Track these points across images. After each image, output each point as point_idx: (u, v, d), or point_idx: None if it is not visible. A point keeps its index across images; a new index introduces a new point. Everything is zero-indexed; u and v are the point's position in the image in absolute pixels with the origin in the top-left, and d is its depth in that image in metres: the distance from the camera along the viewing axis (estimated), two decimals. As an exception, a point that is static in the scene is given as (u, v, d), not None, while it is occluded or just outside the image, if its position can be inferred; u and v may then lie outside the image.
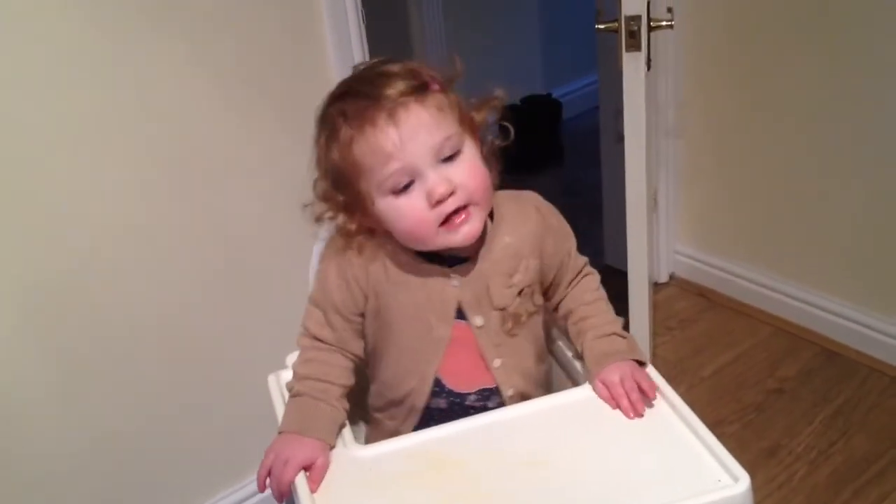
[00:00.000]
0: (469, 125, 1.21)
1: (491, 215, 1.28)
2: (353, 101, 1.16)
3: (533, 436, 1.18)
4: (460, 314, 1.27)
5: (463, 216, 1.18)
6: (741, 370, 2.47)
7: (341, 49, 1.92)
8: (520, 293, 1.27)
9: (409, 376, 1.30)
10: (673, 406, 1.19)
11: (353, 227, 1.24)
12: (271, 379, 1.37)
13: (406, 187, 1.16)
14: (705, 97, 2.62)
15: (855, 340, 2.45)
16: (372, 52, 2.00)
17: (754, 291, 2.69)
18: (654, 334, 2.51)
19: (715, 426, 1.16)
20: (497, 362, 1.29)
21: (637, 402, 1.18)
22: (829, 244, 2.46)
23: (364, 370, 1.36)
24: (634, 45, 1.90)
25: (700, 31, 2.52)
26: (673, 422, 1.17)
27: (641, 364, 1.25)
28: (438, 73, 1.20)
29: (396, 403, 1.33)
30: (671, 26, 1.96)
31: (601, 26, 1.97)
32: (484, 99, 1.25)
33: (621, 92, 2.00)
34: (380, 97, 1.13)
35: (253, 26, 1.80)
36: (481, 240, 1.25)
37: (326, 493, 1.12)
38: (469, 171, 1.18)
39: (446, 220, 1.17)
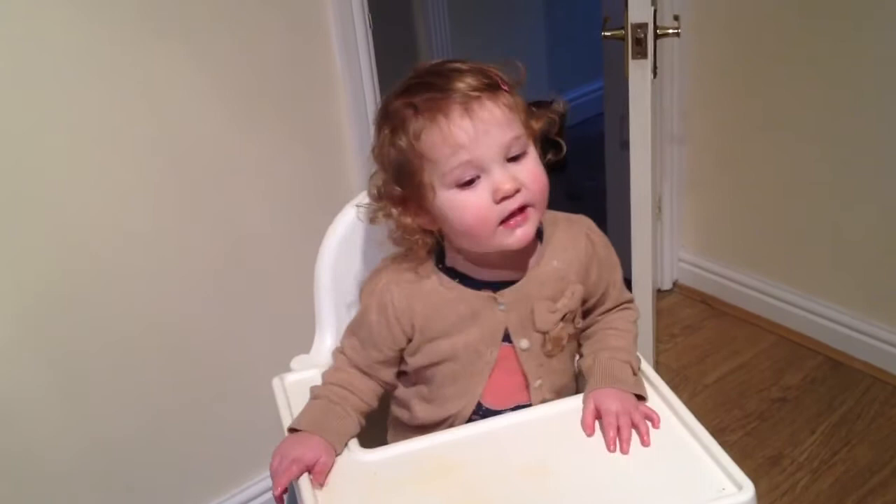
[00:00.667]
0: (531, 123, 1.21)
1: (540, 236, 1.27)
2: (425, 93, 1.15)
3: (536, 442, 1.18)
4: (506, 336, 1.26)
5: (521, 217, 1.17)
6: (744, 378, 2.46)
7: (348, 53, 1.92)
8: (563, 318, 1.27)
9: (457, 399, 1.29)
10: (677, 413, 1.19)
11: (408, 220, 1.22)
12: (275, 382, 1.37)
13: (471, 181, 1.15)
14: (710, 105, 2.63)
15: (859, 350, 2.45)
16: (378, 57, 2.00)
17: (758, 299, 2.69)
18: (658, 341, 2.51)
19: (717, 434, 1.15)
20: (538, 382, 1.29)
21: (625, 441, 1.15)
22: (833, 253, 2.46)
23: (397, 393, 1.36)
24: (641, 52, 1.90)
25: (705, 40, 2.52)
26: (677, 429, 1.17)
27: (640, 398, 1.22)
28: (509, 79, 1.20)
29: (437, 424, 1.30)
30: (678, 34, 1.96)
31: (608, 33, 1.97)
32: (545, 109, 1.24)
33: (626, 99, 2.00)
34: (453, 90, 1.13)
35: (260, 29, 1.80)
36: (527, 261, 1.25)
37: (329, 496, 1.12)
38: (533, 173, 1.17)
39: (505, 220, 1.16)
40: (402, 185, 1.20)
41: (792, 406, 2.34)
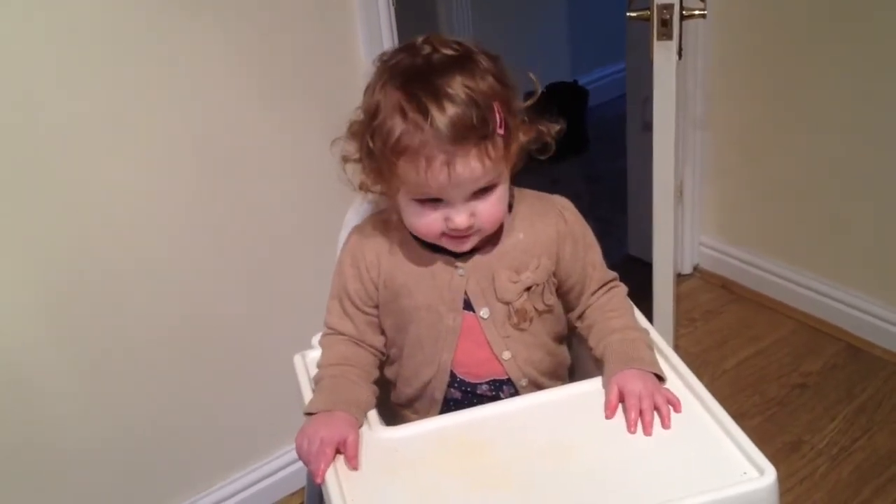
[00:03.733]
0: (515, 152, 1.21)
1: (510, 207, 1.29)
2: (414, 112, 1.12)
3: (558, 424, 1.18)
4: (469, 305, 1.28)
5: (464, 237, 1.22)
6: (764, 364, 2.45)
7: (371, 37, 1.91)
8: (527, 290, 1.27)
9: (426, 367, 1.31)
10: (698, 397, 1.19)
11: (369, 182, 1.25)
12: (297, 359, 1.37)
13: (432, 200, 1.18)
14: (734, 88, 2.60)
15: (880, 337, 2.43)
16: (402, 39, 1.99)
17: (779, 285, 2.67)
18: (677, 326, 2.50)
19: (737, 419, 1.14)
20: (506, 354, 1.29)
21: (648, 424, 1.14)
22: (855, 239, 2.44)
23: (385, 371, 1.37)
24: (666, 33, 1.89)
25: (730, 22, 2.50)
26: (698, 412, 1.17)
27: (660, 379, 1.22)
28: (507, 92, 1.19)
29: (417, 397, 1.34)
30: (704, 16, 1.94)
31: (633, 14, 1.96)
32: (538, 122, 1.24)
33: (649, 81, 1.99)
34: (441, 133, 1.10)
35: (285, 13, 1.80)
36: (492, 234, 1.26)
37: (354, 475, 1.12)
38: (491, 208, 1.20)
39: (451, 235, 1.21)
40: (370, 162, 1.22)
41: (812, 392, 2.33)
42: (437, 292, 1.27)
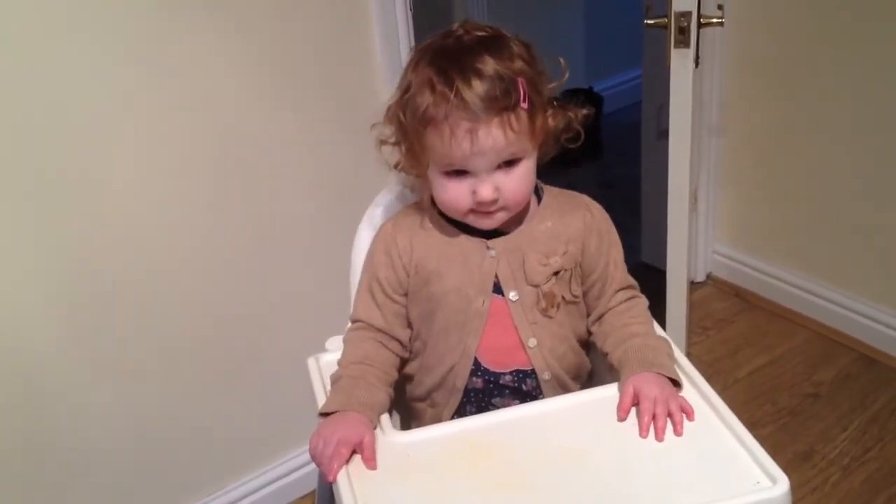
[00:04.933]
0: (541, 129, 1.23)
1: (539, 199, 1.33)
2: (442, 85, 1.16)
3: (570, 429, 1.17)
4: (498, 290, 1.29)
5: (491, 212, 1.24)
6: (777, 373, 2.45)
7: (388, 40, 1.92)
8: (555, 274, 1.29)
9: (450, 353, 1.31)
10: (711, 405, 1.19)
11: (405, 162, 1.29)
12: (311, 362, 1.37)
13: (458, 172, 1.21)
14: (750, 97, 2.60)
15: (893, 347, 2.42)
16: (417, 40, 1.99)
17: (792, 294, 2.67)
18: (690, 334, 2.50)
19: (749, 428, 1.14)
20: (532, 342, 1.30)
21: (660, 430, 1.14)
22: (869, 249, 2.43)
23: (405, 367, 1.38)
24: (683, 41, 1.89)
25: (748, 30, 2.50)
26: (712, 421, 1.16)
27: (677, 386, 1.22)
28: (535, 74, 1.22)
29: (438, 385, 1.34)
30: (721, 23, 1.94)
31: (650, 21, 1.96)
32: (566, 107, 1.28)
33: (665, 88, 1.99)
34: (466, 103, 1.15)
35: (301, 16, 1.80)
36: (522, 219, 1.30)
37: (363, 477, 1.13)
38: (517, 183, 1.23)
39: (477, 210, 1.24)
40: (403, 140, 1.26)
41: (824, 402, 2.32)
42: (467, 274, 1.28)
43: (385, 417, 1.23)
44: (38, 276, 1.63)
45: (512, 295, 1.28)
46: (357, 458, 1.15)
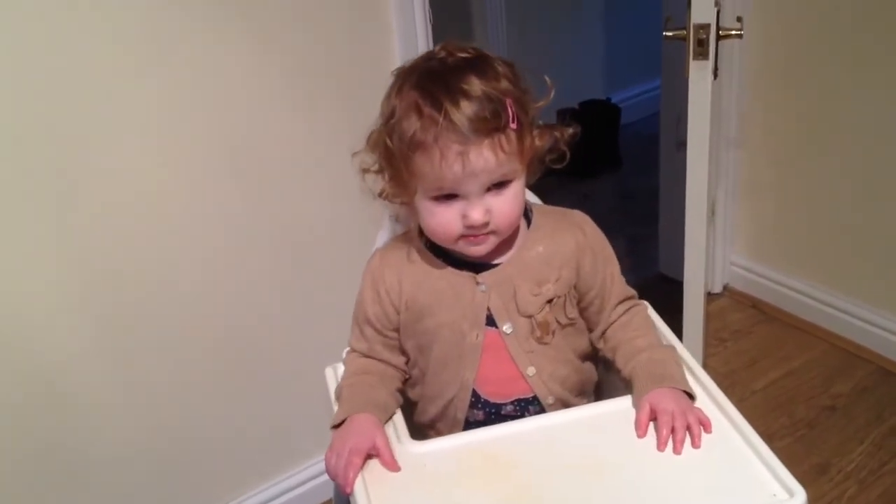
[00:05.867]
0: (529, 150, 1.22)
1: (529, 221, 1.31)
2: (429, 108, 1.14)
3: (587, 441, 1.18)
4: (491, 321, 1.28)
5: (482, 237, 1.22)
6: (794, 385, 2.44)
7: (407, 48, 1.93)
8: (549, 302, 1.28)
9: (448, 386, 1.31)
10: (728, 417, 1.19)
11: (390, 190, 1.26)
12: (328, 372, 1.39)
13: (447, 197, 1.20)
14: (768, 109, 2.60)
15: (912, 361, 2.42)
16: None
17: (810, 306, 2.66)
18: (706, 345, 2.49)
19: (765, 440, 1.14)
20: (531, 370, 1.29)
21: (679, 442, 1.14)
22: (887, 261, 2.42)
23: (409, 392, 1.38)
24: (702, 53, 1.89)
25: (767, 42, 2.50)
26: (729, 433, 1.17)
27: (690, 397, 1.22)
28: (521, 94, 1.20)
29: (440, 416, 1.34)
30: (740, 36, 1.95)
31: (669, 33, 1.96)
32: (552, 127, 1.26)
33: (684, 99, 1.99)
34: (455, 125, 1.13)
35: (322, 21, 1.82)
36: (512, 246, 1.28)
37: (380, 487, 1.13)
38: (508, 205, 1.21)
39: (466, 236, 1.22)
40: (389, 167, 1.23)
41: (841, 415, 2.31)
42: (459, 309, 1.27)
43: (402, 425, 1.24)
44: (56, 285, 1.64)
45: (506, 328, 1.28)
46: (373, 466, 1.16)
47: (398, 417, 1.27)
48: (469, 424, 1.32)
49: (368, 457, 1.17)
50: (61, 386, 1.70)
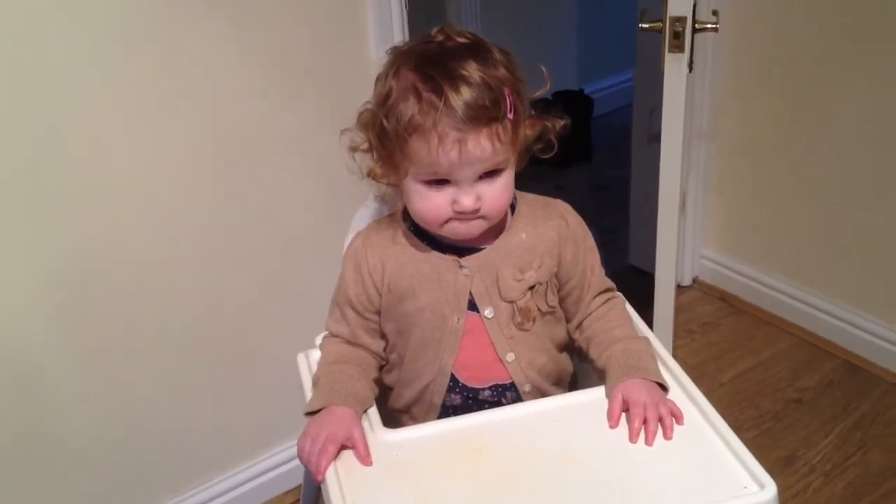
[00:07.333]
0: (522, 140, 1.22)
1: (512, 209, 1.31)
2: (428, 92, 1.14)
3: (560, 431, 1.18)
4: (473, 306, 1.28)
5: (469, 220, 1.22)
6: (761, 378, 2.46)
7: (383, 35, 1.92)
8: (530, 289, 1.28)
9: (426, 369, 1.31)
10: (700, 408, 1.20)
11: (379, 170, 1.26)
12: (300, 357, 1.38)
13: (439, 181, 1.19)
14: (741, 102, 2.61)
15: (877, 355, 2.44)
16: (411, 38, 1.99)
17: (778, 300, 2.68)
18: (675, 337, 2.51)
19: (732, 432, 1.16)
20: (510, 356, 1.30)
21: (651, 434, 1.15)
22: (856, 257, 2.45)
23: (385, 377, 1.38)
24: (678, 46, 1.89)
25: (742, 36, 2.51)
26: (700, 425, 1.18)
27: (663, 389, 1.23)
28: (517, 83, 1.20)
29: (416, 401, 1.34)
30: (716, 29, 1.95)
31: (645, 25, 1.96)
32: (544, 117, 1.26)
33: (658, 91, 2.00)
34: (455, 111, 1.12)
35: (299, 13, 1.80)
36: (496, 232, 1.28)
37: (352, 476, 1.13)
38: (498, 193, 1.21)
39: (456, 218, 1.21)
40: (381, 147, 1.22)
41: (807, 408, 2.33)
42: (441, 292, 1.27)
43: (375, 414, 1.24)
44: (29, 274, 1.62)
45: (487, 312, 1.28)
46: (345, 455, 1.16)
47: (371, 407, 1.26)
48: (446, 409, 1.33)
49: (343, 447, 1.16)
50: (27, 375, 1.68)
